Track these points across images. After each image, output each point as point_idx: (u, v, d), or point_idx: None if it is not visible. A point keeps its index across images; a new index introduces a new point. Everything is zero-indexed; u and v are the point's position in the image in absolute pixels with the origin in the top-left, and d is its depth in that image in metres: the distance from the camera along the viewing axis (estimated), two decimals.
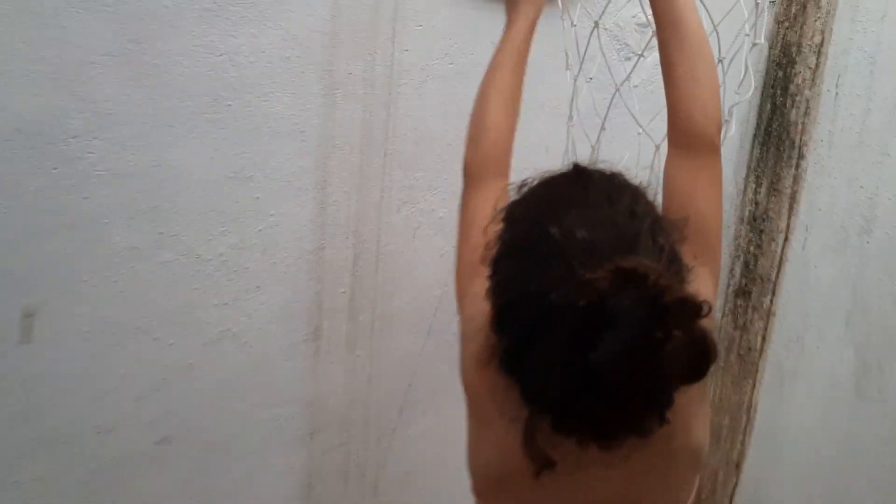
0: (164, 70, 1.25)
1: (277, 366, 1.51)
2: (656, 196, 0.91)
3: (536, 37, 1.13)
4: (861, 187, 1.94)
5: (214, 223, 1.36)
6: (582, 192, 0.84)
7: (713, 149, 1.01)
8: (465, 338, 0.94)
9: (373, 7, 1.41)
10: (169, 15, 1.23)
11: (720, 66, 1.29)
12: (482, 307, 0.83)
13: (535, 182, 0.90)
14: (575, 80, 1.34)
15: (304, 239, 1.47)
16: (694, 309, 0.73)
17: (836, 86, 1.97)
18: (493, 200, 0.94)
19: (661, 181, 0.99)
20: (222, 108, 1.31)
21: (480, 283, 0.86)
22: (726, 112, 1.31)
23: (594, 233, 0.77)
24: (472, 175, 1.07)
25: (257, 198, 1.40)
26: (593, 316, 0.70)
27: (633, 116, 1.42)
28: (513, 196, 0.90)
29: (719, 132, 1.02)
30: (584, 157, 1.39)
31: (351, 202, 1.50)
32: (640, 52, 1.77)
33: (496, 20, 1.19)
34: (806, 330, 2.10)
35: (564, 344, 0.73)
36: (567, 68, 1.35)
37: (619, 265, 0.71)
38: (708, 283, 0.94)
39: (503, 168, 1.08)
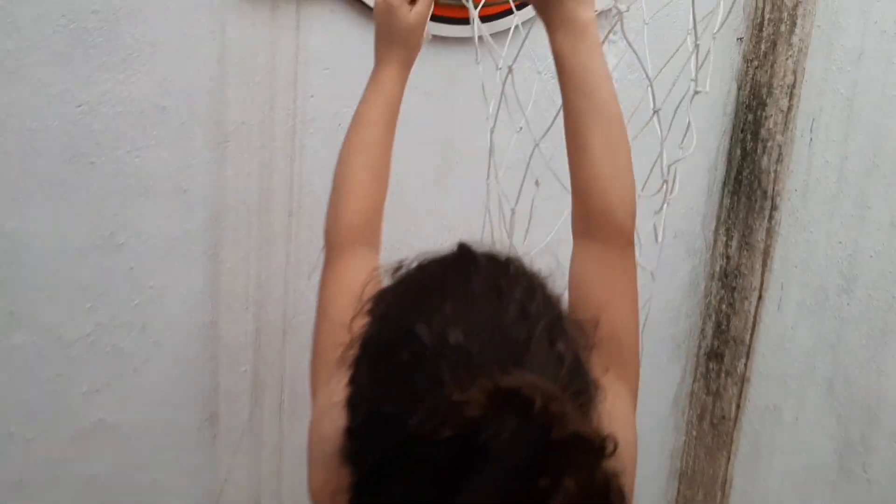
0: (6, 125, 1.06)
1: (166, 460, 1.30)
2: (565, 290, 0.73)
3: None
4: (839, 243, 1.75)
5: (78, 299, 1.17)
6: (464, 281, 0.65)
7: (630, 242, 0.84)
8: (311, 461, 0.75)
9: (269, 48, 1.23)
10: (11, 60, 1.05)
11: (656, 116, 1.12)
12: (338, 423, 0.65)
13: (413, 265, 0.71)
14: (491, 133, 1.15)
15: (193, 313, 1.27)
16: (594, 448, 0.55)
17: (811, 130, 1.79)
18: (357, 280, 0.76)
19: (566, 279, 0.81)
20: (83, 166, 1.12)
21: (339, 390, 0.67)
22: (666, 171, 1.13)
23: (472, 337, 0.60)
24: (332, 248, 0.89)
25: (131, 268, 1.20)
26: (461, 450, 0.53)
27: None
28: (385, 281, 0.71)
29: (634, 223, 0.84)
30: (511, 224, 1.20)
31: (250, 269, 1.30)
32: None
33: (418, 61, 1.02)
34: (783, 398, 1.90)
35: (425, 485, 0.56)
36: (486, 118, 1.17)
37: (498, 384, 0.54)
38: (625, 404, 0.76)
39: (369, 239, 0.90)
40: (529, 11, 1.45)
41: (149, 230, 1.20)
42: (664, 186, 1.13)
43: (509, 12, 1.41)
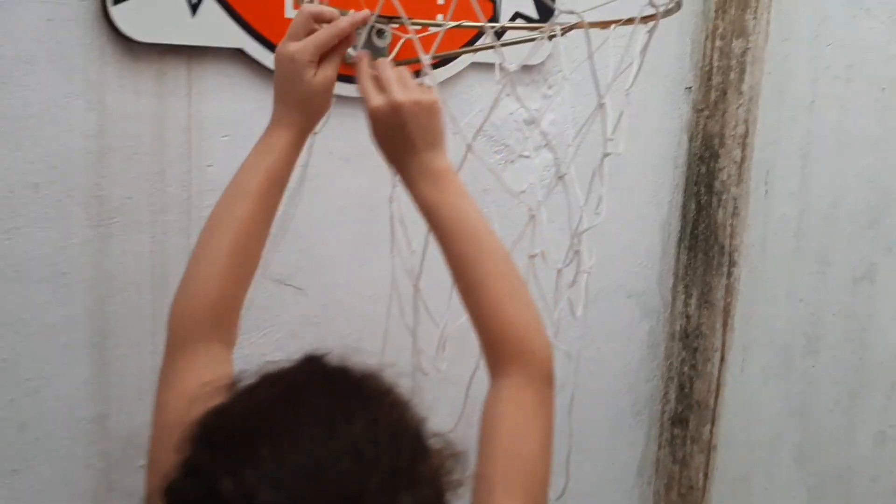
0: None
1: None
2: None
3: None
4: (801, 300, 1.65)
5: None
6: (293, 413, 0.55)
7: (546, 377, 0.78)
8: None
9: (157, 117, 1.13)
10: None
11: (562, 180, 1.02)
12: None
13: (248, 382, 0.61)
14: (391, 202, 1.05)
15: (79, 406, 1.15)
16: None
17: (766, 182, 1.70)
18: (191, 383, 0.66)
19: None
20: None
21: None
22: (577, 241, 1.03)
23: (287, 493, 0.50)
24: (175, 341, 0.78)
25: (4, 360, 1.09)
26: None
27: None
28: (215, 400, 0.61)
29: (550, 355, 0.80)
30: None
31: (144, 355, 1.19)
32: (524, 153, 1.52)
33: (328, 125, 0.93)
34: (752, 467, 1.77)
35: None
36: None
37: None
38: None
39: (221, 334, 0.79)
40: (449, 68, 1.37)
41: (23, 318, 1.09)
42: (576, 257, 1.03)
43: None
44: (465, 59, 1.40)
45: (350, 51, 0.88)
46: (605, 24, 1.01)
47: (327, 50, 0.83)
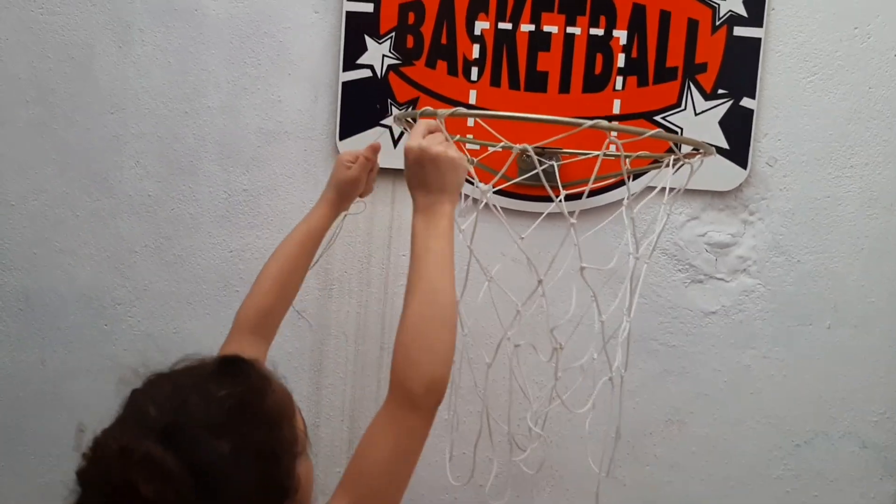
0: (186, 260, 1.60)
1: None
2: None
3: None
4: None
5: None
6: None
7: (415, 406, 0.93)
8: None
9: (368, 218, 1.56)
10: (191, 219, 1.58)
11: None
12: None
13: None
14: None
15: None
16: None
17: None
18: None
19: None
20: (231, 293, 1.60)
21: None
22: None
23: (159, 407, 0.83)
24: (232, 328, 1.18)
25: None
26: None
27: None
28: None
29: (427, 393, 0.93)
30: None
31: (346, 388, 1.62)
32: (716, 275, 1.56)
33: (498, 231, 1.25)
34: None
35: None
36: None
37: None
38: None
39: (262, 331, 1.18)
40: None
41: (272, 345, 1.61)
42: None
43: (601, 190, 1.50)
44: (642, 182, 1.52)
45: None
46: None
47: (360, 160, 1.27)
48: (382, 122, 1.52)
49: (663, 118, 1.52)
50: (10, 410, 1.64)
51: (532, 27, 1.50)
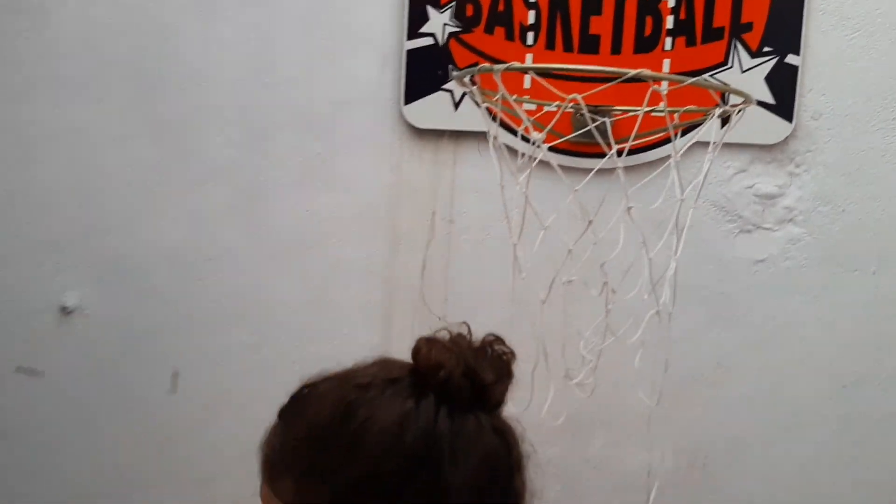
0: (266, 220, 1.74)
1: None
2: None
3: None
4: None
5: (299, 337, 1.78)
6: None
7: None
8: None
9: (432, 176, 1.68)
10: (272, 182, 1.73)
11: None
12: None
13: None
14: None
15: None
16: None
17: None
18: None
19: None
20: (307, 249, 1.74)
21: None
22: None
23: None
24: None
25: (333, 318, 1.77)
26: None
27: None
28: None
29: None
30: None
31: (413, 337, 1.75)
32: (763, 225, 1.64)
33: (551, 191, 1.37)
34: None
35: None
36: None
37: None
38: None
39: None
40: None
41: (346, 295, 1.75)
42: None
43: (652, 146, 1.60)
44: (690, 138, 1.61)
45: None
46: None
47: None
48: (444, 87, 1.64)
49: (711, 76, 1.60)
50: (113, 359, 1.81)
51: None
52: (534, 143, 1.41)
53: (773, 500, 1.75)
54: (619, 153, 1.53)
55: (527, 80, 1.59)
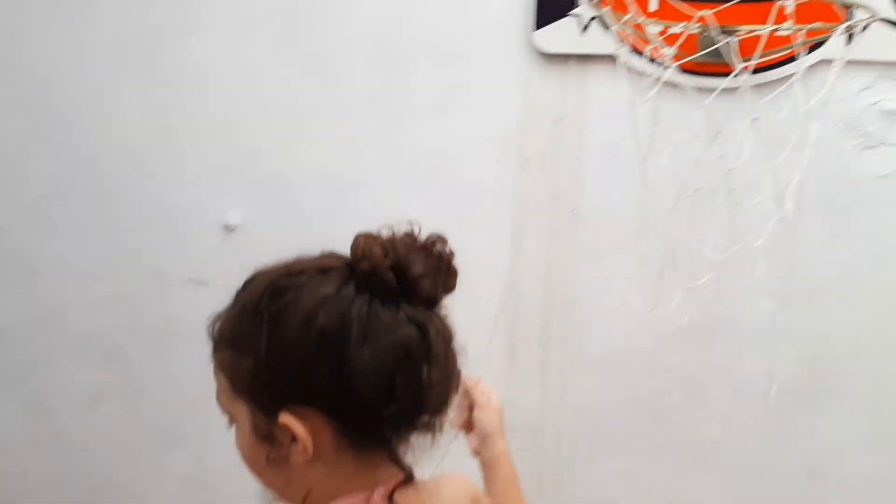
0: (405, 146, 1.89)
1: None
2: None
3: None
4: None
5: None
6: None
7: None
8: None
9: (560, 99, 1.79)
10: (409, 110, 1.87)
11: None
12: None
13: None
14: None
15: (498, 273, 1.91)
16: None
17: None
18: None
19: None
20: (441, 173, 1.88)
21: None
22: None
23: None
24: None
25: (463, 237, 1.91)
26: None
27: None
28: None
29: None
30: None
31: (541, 252, 1.88)
32: (888, 141, 1.67)
33: (683, 110, 1.44)
34: None
35: None
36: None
37: None
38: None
39: None
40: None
41: (476, 216, 1.89)
42: None
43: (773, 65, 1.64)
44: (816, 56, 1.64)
45: None
46: None
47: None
48: (571, 12, 1.73)
49: None
50: None
51: None
52: (662, 63, 1.48)
53: (892, 413, 1.79)
54: (745, 71, 1.60)
55: (653, 3, 1.66)
